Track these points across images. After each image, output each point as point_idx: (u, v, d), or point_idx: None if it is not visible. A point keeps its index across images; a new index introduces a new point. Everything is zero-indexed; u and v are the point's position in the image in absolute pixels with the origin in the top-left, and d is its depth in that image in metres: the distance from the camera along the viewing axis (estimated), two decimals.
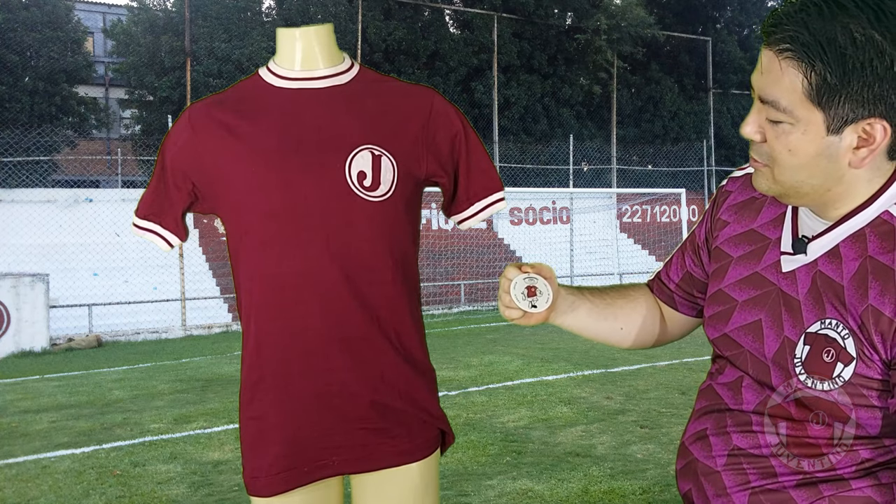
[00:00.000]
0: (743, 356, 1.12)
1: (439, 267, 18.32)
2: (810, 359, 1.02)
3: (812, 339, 1.02)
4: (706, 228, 1.27)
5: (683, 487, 1.20)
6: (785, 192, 1.06)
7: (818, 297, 1.03)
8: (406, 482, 1.50)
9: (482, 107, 22.36)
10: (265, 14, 22.08)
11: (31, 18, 18.95)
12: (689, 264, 1.30)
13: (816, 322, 1.03)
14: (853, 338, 0.99)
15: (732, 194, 1.23)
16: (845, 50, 0.93)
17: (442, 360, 8.66)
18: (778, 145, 1.01)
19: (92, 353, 12.06)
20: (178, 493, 4.24)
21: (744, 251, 1.16)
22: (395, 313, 1.48)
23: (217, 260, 16.49)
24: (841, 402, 1.00)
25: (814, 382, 1.01)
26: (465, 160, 1.57)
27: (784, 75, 0.98)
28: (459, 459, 4.67)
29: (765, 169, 1.05)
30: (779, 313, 1.07)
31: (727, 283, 1.17)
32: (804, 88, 0.97)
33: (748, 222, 1.18)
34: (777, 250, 1.11)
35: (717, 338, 1.17)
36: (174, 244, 1.59)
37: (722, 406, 1.14)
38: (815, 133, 0.99)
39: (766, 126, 1.02)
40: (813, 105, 0.97)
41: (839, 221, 1.05)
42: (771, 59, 0.99)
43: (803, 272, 1.07)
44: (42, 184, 17.13)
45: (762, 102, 1.01)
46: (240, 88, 1.55)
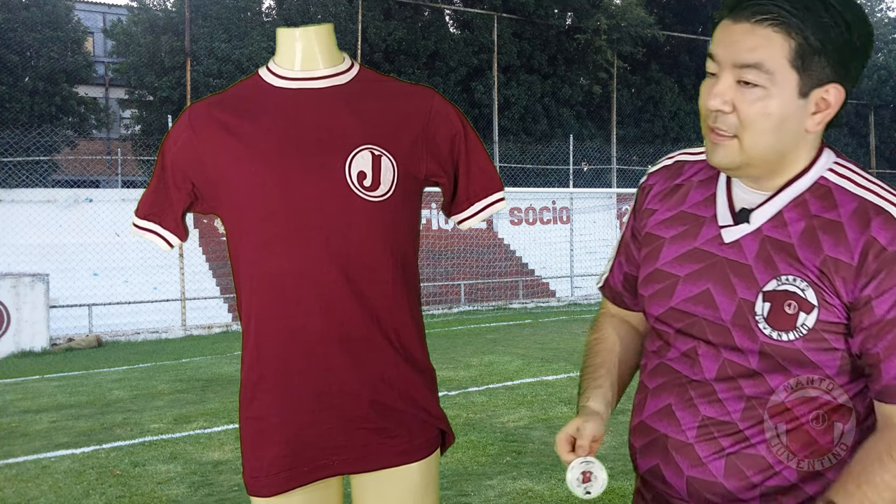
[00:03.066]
0: (697, 324, 1.18)
1: (439, 267, 18.32)
2: (773, 314, 1.10)
3: (771, 296, 1.11)
4: (632, 226, 1.36)
5: (646, 464, 1.24)
6: (748, 160, 1.12)
7: (768, 258, 1.12)
8: (406, 482, 1.50)
9: (482, 107, 22.36)
10: (265, 14, 22.08)
11: (31, 18, 18.95)
12: (624, 264, 1.38)
13: (772, 280, 1.11)
14: (812, 288, 1.09)
15: (655, 186, 1.32)
16: (822, 17, 1.05)
17: (442, 360, 8.66)
18: (753, 110, 1.08)
19: (92, 353, 12.06)
20: (178, 493, 4.24)
21: (676, 231, 1.24)
22: (395, 313, 1.48)
23: (217, 260, 16.48)
24: (804, 349, 1.09)
25: (779, 335, 1.10)
26: (465, 160, 1.57)
27: (768, 41, 1.07)
28: (459, 459, 4.67)
29: (731, 141, 1.11)
30: (727, 279, 1.15)
31: (663, 262, 1.24)
32: (788, 51, 1.06)
33: (676, 206, 1.26)
34: (714, 226, 1.19)
35: (663, 312, 1.22)
36: (174, 244, 1.59)
37: (682, 379, 1.19)
38: (788, 96, 1.08)
39: (736, 95, 1.09)
40: (792, 68, 1.07)
41: (781, 189, 1.15)
42: (747, 30, 1.08)
43: (748, 240, 1.15)
44: (42, 184, 17.13)
45: (739, 68, 1.08)
46: (240, 88, 1.55)
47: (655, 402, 1.23)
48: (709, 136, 1.15)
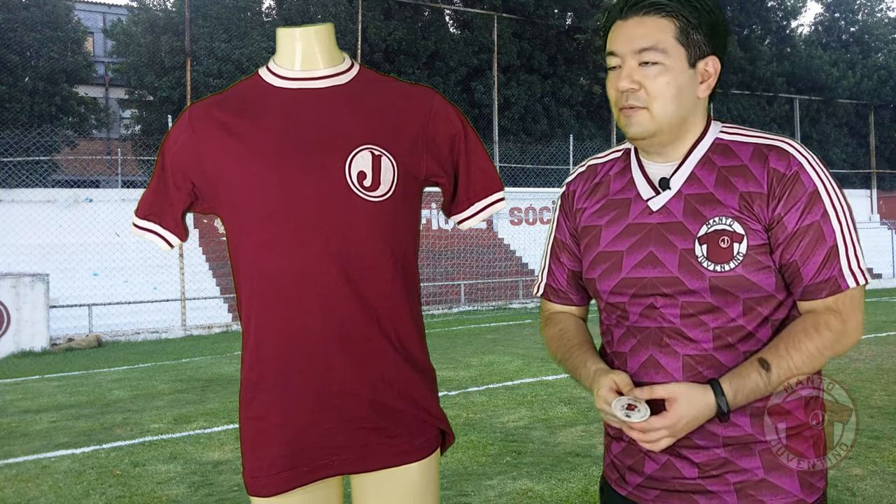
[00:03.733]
0: (649, 283, 1.35)
1: (439, 267, 18.32)
2: (711, 251, 1.30)
3: (705, 239, 1.31)
4: (566, 227, 1.53)
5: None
6: (658, 127, 1.33)
7: (694, 210, 1.33)
8: (406, 482, 1.50)
9: (482, 107, 22.36)
10: (265, 14, 22.08)
11: (31, 18, 18.95)
12: (567, 262, 1.54)
13: (702, 226, 1.32)
14: (737, 221, 1.30)
15: (577, 191, 1.51)
16: (692, 3, 1.32)
17: (442, 360, 8.67)
18: (657, 83, 1.31)
19: (92, 353, 12.06)
20: (178, 493, 4.24)
21: (609, 216, 1.42)
22: (395, 313, 1.48)
23: (217, 260, 16.48)
24: (745, 273, 1.29)
25: (721, 267, 1.29)
26: (465, 160, 1.57)
27: (657, 26, 1.31)
28: (459, 459, 4.67)
29: (642, 112, 1.33)
30: (664, 238, 1.34)
31: (604, 244, 1.41)
32: (674, 31, 1.31)
33: (602, 198, 1.45)
34: (640, 202, 1.39)
35: (616, 284, 1.39)
36: (174, 244, 1.59)
37: (653, 332, 1.35)
38: (680, 67, 1.32)
39: (639, 76, 1.32)
40: (679, 44, 1.32)
41: (687, 155, 1.37)
42: (639, 22, 1.32)
43: (673, 202, 1.36)
44: (42, 184, 17.13)
45: (638, 53, 1.31)
46: (240, 88, 1.55)
47: (637, 359, 1.37)
48: (622, 115, 1.35)
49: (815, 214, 1.29)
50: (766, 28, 29.49)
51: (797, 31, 32.59)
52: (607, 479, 1.50)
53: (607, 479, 1.50)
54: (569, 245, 1.52)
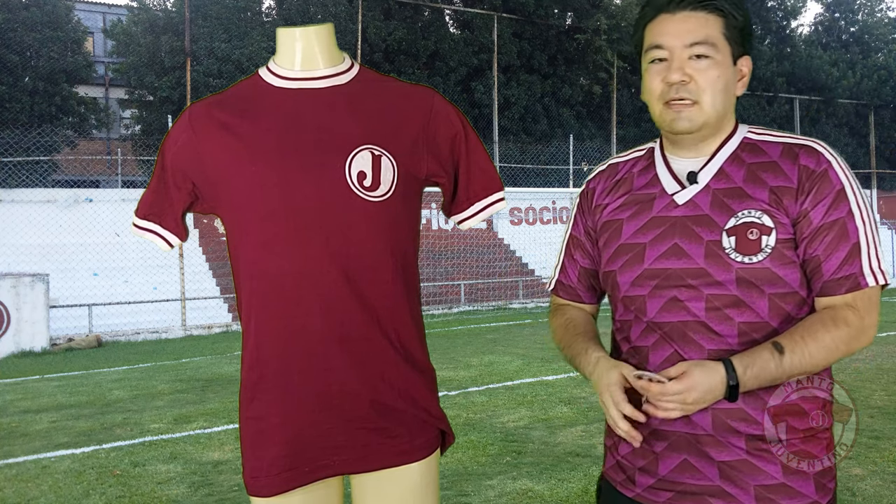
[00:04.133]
0: (673, 275, 1.35)
1: (439, 267, 18.32)
2: (739, 243, 1.31)
3: (734, 231, 1.32)
4: (583, 224, 1.54)
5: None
6: (706, 121, 1.36)
7: (722, 203, 1.35)
8: (406, 482, 1.50)
9: (482, 107, 22.35)
10: (265, 14, 22.08)
11: (31, 18, 18.95)
12: (580, 259, 1.55)
13: (731, 219, 1.33)
14: (766, 215, 1.32)
15: (598, 188, 1.52)
16: (738, 4, 1.36)
17: (442, 360, 8.67)
18: (707, 76, 1.34)
19: (92, 353, 12.06)
20: (178, 493, 4.24)
21: (632, 211, 1.43)
22: (395, 313, 1.48)
23: (217, 260, 16.48)
24: (772, 266, 1.31)
25: (749, 258, 1.31)
26: (465, 160, 1.57)
27: (707, 21, 1.34)
28: (459, 459, 4.67)
29: (693, 107, 1.35)
30: (690, 230, 1.35)
31: (626, 237, 1.42)
32: (721, 27, 1.35)
33: (624, 194, 1.46)
34: (665, 196, 1.40)
35: (637, 276, 1.39)
36: (174, 244, 1.59)
37: (677, 326, 1.35)
38: (727, 63, 1.36)
39: (690, 69, 1.34)
40: (726, 40, 1.35)
41: (717, 150, 1.39)
42: (688, 17, 1.35)
43: (700, 196, 1.37)
44: (42, 184, 17.13)
45: (689, 47, 1.33)
46: (240, 88, 1.55)
47: (660, 354, 1.36)
48: (669, 108, 1.36)
49: (840, 211, 1.31)
50: (766, 28, 29.48)
51: (797, 31, 32.59)
52: (610, 480, 1.48)
53: (610, 480, 1.48)
54: (583, 242, 1.53)
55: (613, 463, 1.47)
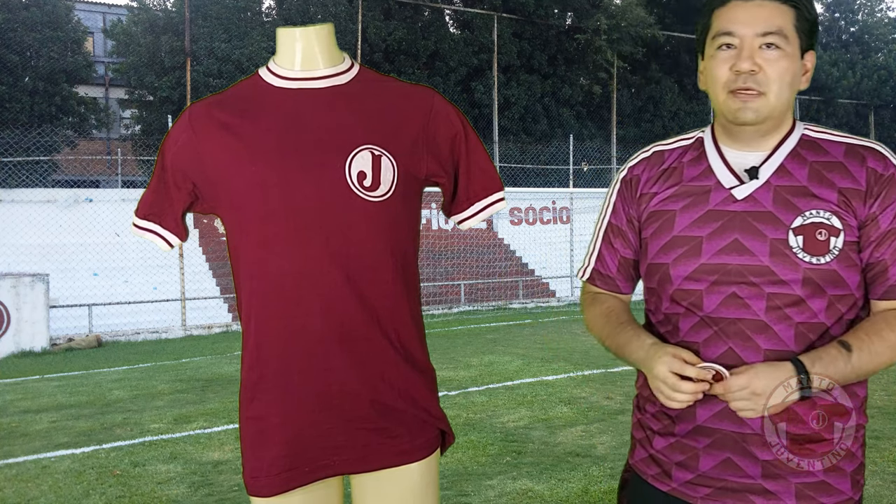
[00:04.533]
0: (734, 271, 1.33)
1: (439, 267, 18.31)
2: (807, 243, 1.30)
3: (801, 230, 1.31)
4: (625, 212, 1.49)
5: (711, 410, 1.35)
6: (771, 113, 1.34)
7: (786, 201, 1.33)
8: (406, 482, 1.50)
9: (482, 107, 22.35)
10: (265, 14, 22.08)
11: (31, 18, 18.95)
12: (621, 248, 1.51)
13: (797, 217, 1.32)
14: (835, 216, 1.31)
15: (643, 175, 1.48)
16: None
17: (442, 360, 8.66)
18: (777, 67, 1.32)
19: (92, 353, 12.05)
20: (178, 493, 4.24)
21: (685, 202, 1.40)
22: (395, 313, 1.48)
23: (217, 260, 16.48)
24: (838, 268, 1.31)
25: (817, 259, 1.30)
26: (465, 160, 1.57)
27: (780, 11, 1.33)
28: (459, 459, 4.67)
29: (759, 98, 1.33)
30: (751, 226, 1.33)
31: (680, 229, 1.39)
32: (793, 18, 1.33)
33: (674, 184, 1.43)
34: (721, 189, 1.37)
35: (693, 270, 1.36)
36: (174, 244, 1.59)
37: (734, 323, 1.33)
38: (796, 56, 1.34)
39: (760, 58, 1.32)
40: (797, 32, 1.34)
41: (777, 146, 1.38)
42: (761, 4, 1.33)
43: (761, 192, 1.35)
44: (42, 184, 17.12)
45: (762, 36, 1.31)
46: (240, 88, 1.55)
47: (713, 351, 1.34)
48: (734, 98, 1.34)
49: None
50: None
51: None
52: (640, 473, 1.47)
53: (640, 473, 1.47)
54: (625, 231, 1.49)
55: (645, 456, 1.46)
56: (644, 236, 1.45)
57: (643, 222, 1.45)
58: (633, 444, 1.51)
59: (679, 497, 1.39)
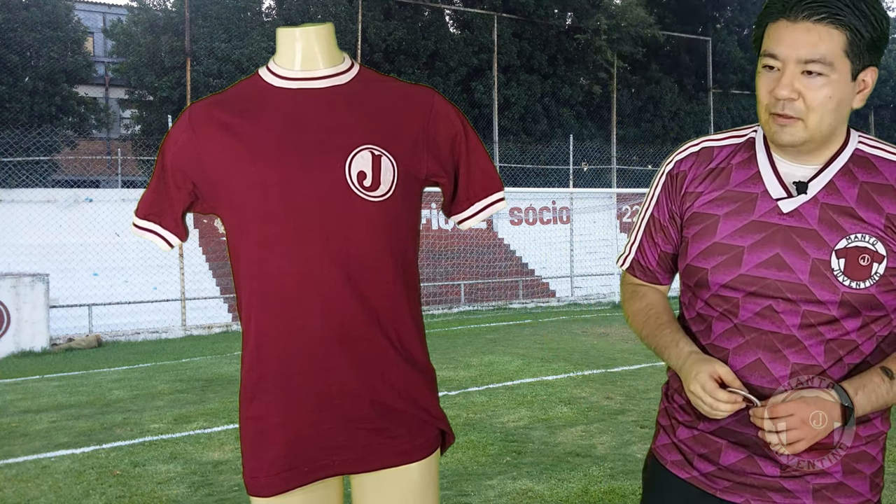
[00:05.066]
0: (772, 286, 1.32)
1: (439, 267, 18.31)
2: (849, 267, 1.29)
3: (844, 253, 1.30)
4: (668, 207, 1.48)
5: (736, 417, 1.35)
6: (811, 137, 1.30)
7: (832, 221, 1.31)
8: (406, 482, 1.50)
9: (482, 107, 22.35)
10: (265, 14, 22.07)
11: (31, 18, 18.94)
12: (661, 244, 1.50)
13: (842, 240, 1.30)
14: (881, 242, 1.30)
15: (690, 172, 1.45)
16: (865, 12, 1.26)
17: (442, 360, 8.66)
18: (819, 95, 1.27)
19: (92, 353, 12.05)
20: (178, 493, 4.24)
21: (729, 208, 1.38)
22: (395, 313, 1.48)
23: (217, 260, 16.48)
24: (877, 293, 1.30)
25: (857, 284, 1.29)
26: (465, 160, 1.57)
27: (828, 36, 1.26)
28: (459, 459, 4.67)
29: (797, 123, 1.29)
30: (795, 244, 1.31)
31: (722, 236, 1.37)
32: (843, 43, 1.26)
33: (721, 187, 1.40)
34: (768, 199, 1.35)
35: (733, 279, 1.35)
36: (174, 244, 1.59)
37: (766, 335, 1.33)
38: (844, 80, 1.29)
39: (800, 85, 1.28)
40: (846, 57, 1.27)
41: (829, 162, 1.34)
42: (808, 28, 1.26)
43: (807, 208, 1.32)
44: (42, 184, 17.12)
45: (803, 63, 1.27)
46: (240, 88, 1.55)
47: (743, 359, 1.35)
48: (773, 121, 1.32)
49: None
50: None
51: None
52: (660, 459, 1.49)
53: (660, 459, 1.49)
54: (666, 227, 1.49)
55: (668, 443, 1.48)
56: (685, 235, 1.44)
57: (685, 220, 1.44)
58: (658, 430, 1.53)
59: (698, 486, 1.41)
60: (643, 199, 1.56)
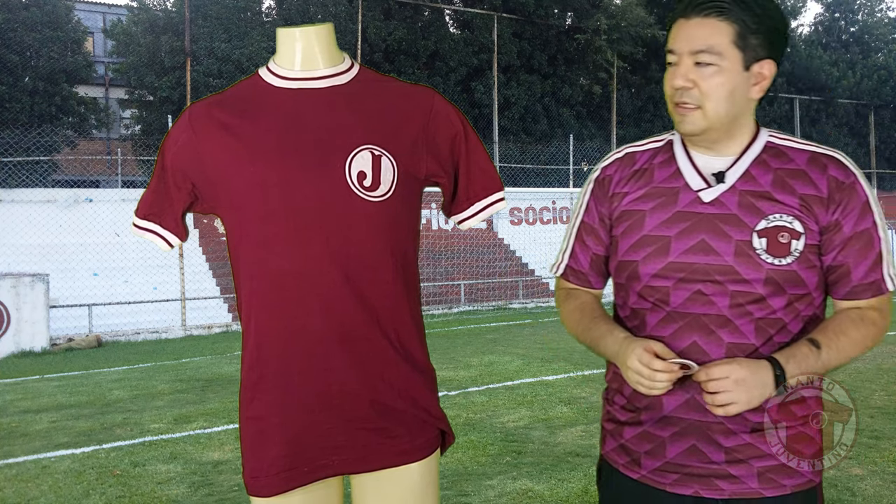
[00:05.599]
0: (700, 270, 1.40)
1: (439, 267, 18.32)
2: (770, 245, 1.37)
3: (765, 233, 1.38)
4: (597, 211, 1.55)
5: (677, 400, 1.41)
6: (709, 125, 1.40)
7: (751, 205, 1.40)
8: (406, 482, 1.50)
9: (482, 107, 22.35)
10: (265, 14, 22.08)
11: (31, 18, 18.95)
12: (593, 246, 1.57)
13: (761, 220, 1.38)
14: (797, 220, 1.38)
15: (615, 175, 1.53)
16: (752, 8, 1.36)
17: (442, 360, 8.67)
18: (711, 83, 1.37)
19: (92, 353, 12.06)
20: (178, 493, 4.24)
21: (654, 203, 1.46)
22: (395, 313, 1.48)
23: (217, 260, 16.48)
24: (798, 269, 1.38)
25: (779, 260, 1.37)
26: (465, 160, 1.57)
27: (716, 28, 1.37)
28: (459, 459, 4.67)
29: (696, 111, 1.39)
30: (718, 228, 1.40)
31: (650, 228, 1.45)
32: (731, 34, 1.37)
33: (645, 185, 1.49)
34: (690, 191, 1.44)
35: (662, 268, 1.42)
36: (174, 244, 1.59)
37: (699, 318, 1.40)
38: (735, 70, 1.38)
39: (694, 75, 1.38)
40: (736, 47, 1.37)
41: (742, 152, 1.44)
42: (698, 23, 1.37)
43: (727, 196, 1.41)
44: (42, 184, 17.12)
45: (694, 54, 1.37)
46: (240, 88, 1.55)
47: (679, 344, 1.41)
48: (676, 111, 1.42)
49: (867, 222, 1.41)
50: None
51: (797, 31, 32.61)
52: (611, 462, 1.53)
53: (611, 462, 1.53)
54: (597, 229, 1.55)
55: (616, 446, 1.52)
56: (615, 234, 1.51)
57: (614, 220, 1.52)
58: (604, 436, 1.58)
59: (648, 484, 1.45)
60: (573, 208, 1.63)
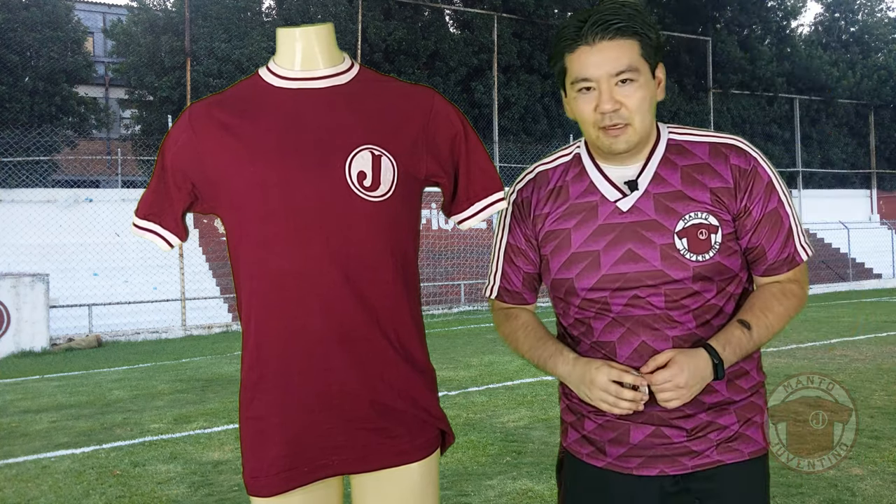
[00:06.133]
0: (633, 278, 1.46)
1: (439, 267, 18.32)
2: (691, 243, 1.45)
3: (684, 233, 1.45)
4: (522, 233, 1.61)
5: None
6: (640, 138, 1.46)
7: (666, 208, 1.46)
8: (406, 482, 1.50)
9: (482, 107, 22.35)
10: (265, 14, 22.07)
11: (31, 18, 18.94)
12: (523, 265, 1.63)
13: (679, 221, 1.45)
14: (711, 214, 1.46)
15: (533, 197, 1.59)
16: (645, 21, 1.44)
17: (442, 360, 8.67)
18: (635, 99, 1.43)
19: (92, 353, 12.06)
20: (178, 493, 4.24)
21: (576, 220, 1.52)
22: (395, 313, 1.48)
23: (217, 260, 16.48)
24: (721, 260, 1.46)
25: (702, 256, 1.45)
26: (465, 160, 1.57)
27: (628, 47, 1.42)
28: (459, 459, 4.67)
29: (627, 129, 1.44)
30: (640, 235, 1.46)
31: (577, 245, 1.51)
32: (639, 49, 1.43)
33: (564, 203, 1.54)
34: (607, 203, 1.50)
35: (597, 281, 1.48)
36: (174, 244, 1.59)
37: (642, 319, 1.47)
38: (648, 79, 1.45)
39: (619, 95, 1.42)
40: (644, 59, 1.44)
41: (648, 157, 1.50)
42: (607, 46, 1.41)
43: (642, 201, 1.47)
44: (42, 184, 17.12)
45: (616, 75, 1.41)
46: (240, 88, 1.55)
47: (629, 346, 1.48)
48: (605, 134, 1.45)
49: (773, 202, 1.49)
50: (766, 28, 29.48)
51: (797, 31, 32.60)
52: (574, 453, 1.59)
53: (574, 453, 1.59)
54: (524, 250, 1.61)
55: (578, 437, 1.58)
56: (544, 253, 1.57)
57: (541, 241, 1.58)
58: (565, 428, 1.63)
59: (614, 470, 1.52)
60: (494, 232, 1.70)
